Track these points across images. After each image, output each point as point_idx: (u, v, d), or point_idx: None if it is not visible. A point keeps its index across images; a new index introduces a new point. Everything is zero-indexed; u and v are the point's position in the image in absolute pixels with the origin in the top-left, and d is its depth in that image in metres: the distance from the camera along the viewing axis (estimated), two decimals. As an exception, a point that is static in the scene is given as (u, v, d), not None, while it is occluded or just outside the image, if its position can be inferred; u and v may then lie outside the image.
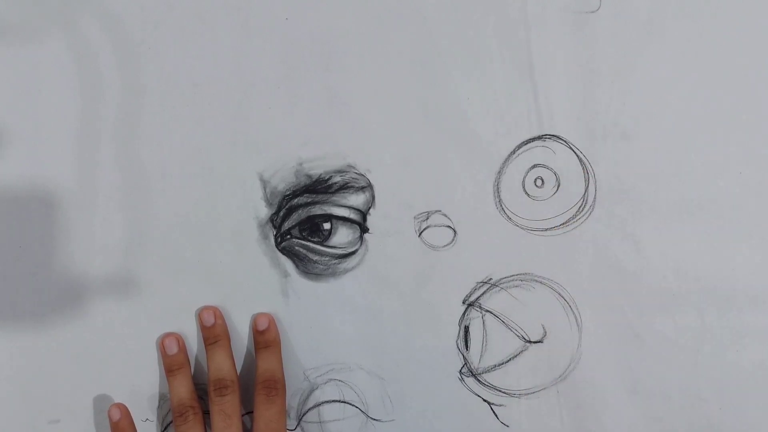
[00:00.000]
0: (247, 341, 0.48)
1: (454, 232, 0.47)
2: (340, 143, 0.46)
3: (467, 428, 0.48)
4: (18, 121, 0.45)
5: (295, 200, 0.46)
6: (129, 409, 0.46)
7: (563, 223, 0.47)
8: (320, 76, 0.45)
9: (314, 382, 0.48)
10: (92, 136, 0.45)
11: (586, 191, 0.47)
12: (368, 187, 0.46)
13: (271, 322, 0.46)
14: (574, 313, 0.47)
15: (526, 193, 0.47)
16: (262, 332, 0.46)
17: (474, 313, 0.47)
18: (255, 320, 0.47)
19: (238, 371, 0.46)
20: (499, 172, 0.46)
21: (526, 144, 0.46)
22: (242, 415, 0.45)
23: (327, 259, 0.47)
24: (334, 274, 0.47)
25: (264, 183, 0.46)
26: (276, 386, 0.45)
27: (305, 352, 0.48)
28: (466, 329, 0.48)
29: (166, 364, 0.46)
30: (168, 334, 0.46)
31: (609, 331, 0.46)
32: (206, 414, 0.46)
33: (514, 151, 0.46)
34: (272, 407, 0.44)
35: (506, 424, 0.48)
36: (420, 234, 0.47)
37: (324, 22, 0.45)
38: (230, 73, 0.45)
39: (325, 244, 0.47)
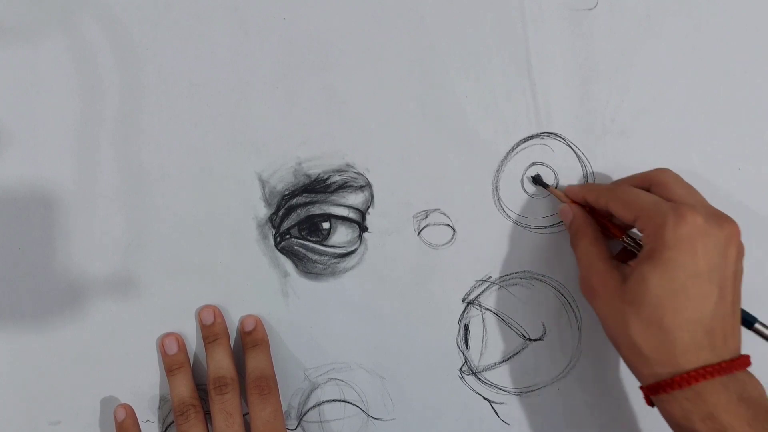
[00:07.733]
0: (247, 341, 0.47)
1: (453, 230, 0.47)
2: (339, 142, 0.46)
3: (468, 426, 0.48)
4: (18, 122, 0.45)
5: (294, 200, 0.46)
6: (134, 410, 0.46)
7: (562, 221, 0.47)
8: (318, 75, 0.45)
9: (315, 382, 0.48)
10: (92, 136, 0.45)
11: (584, 188, 0.46)
12: (367, 186, 0.46)
13: (258, 322, 0.46)
14: (573, 310, 0.47)
15: (525, 190, 0.47)
16: (250, 332, 0.46)
17: (474, 311, 0.47)
18: (242, 322, 0.47)
19: (238, 371, 0.46)
20: (498, 170, 0.46)
21: (524, 142, 0.46)
22: (243, 415, 0.45)
23: (326, 258, 0.47)
24: (333, 273, 0.47)
25: (263, 183, 0.46)
26: (268, 384, 0.44)
27: (305, 352, 0.47)
28: (466, 327, 0.47)
29: (167, 364, 0.46)
30: (168, 334, 0.46)
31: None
32: (207, 414, 0.46)
33: (512, 149, 0.46)
34: (267, 406, 0.44)
35: (507, 422, 0.48)
36: (419, 233, 0.47)
37: (321, 22, 0.45)
38: (228, 73, 0.45)
39: (324, 243, 0.46)
